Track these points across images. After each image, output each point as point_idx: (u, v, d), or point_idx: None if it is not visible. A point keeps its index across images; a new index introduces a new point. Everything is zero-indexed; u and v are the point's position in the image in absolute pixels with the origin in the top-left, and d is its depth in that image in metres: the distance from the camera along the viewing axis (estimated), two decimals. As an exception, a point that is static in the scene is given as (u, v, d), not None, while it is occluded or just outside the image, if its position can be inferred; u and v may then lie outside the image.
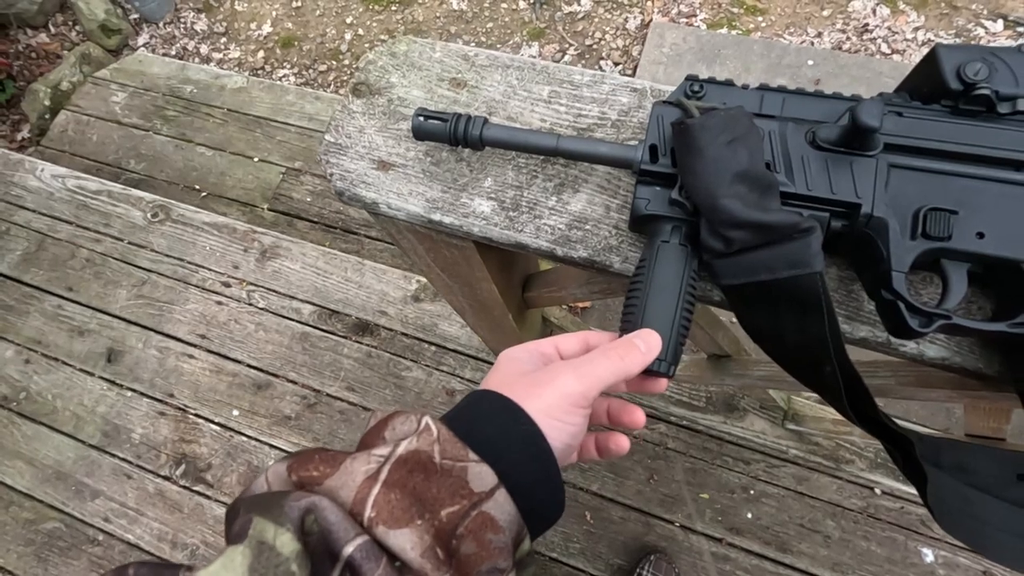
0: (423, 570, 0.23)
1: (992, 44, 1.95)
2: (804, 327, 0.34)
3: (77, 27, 2.44)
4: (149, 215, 1.65)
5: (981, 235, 0.32)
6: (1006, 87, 0.33)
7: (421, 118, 0.41)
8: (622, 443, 0.36)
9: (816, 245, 0.32)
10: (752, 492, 1.22)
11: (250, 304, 1.52)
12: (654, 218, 0.36)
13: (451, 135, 0.40)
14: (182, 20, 2.50)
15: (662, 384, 0.35)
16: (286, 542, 0.22)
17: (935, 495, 0.32)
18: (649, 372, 0.34)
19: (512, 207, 0.43)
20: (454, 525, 0.25)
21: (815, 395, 1.04)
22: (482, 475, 0.26)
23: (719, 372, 0.83)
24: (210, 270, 1.57)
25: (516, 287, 0.70)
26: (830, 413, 0.99)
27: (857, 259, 0.36)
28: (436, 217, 0.44)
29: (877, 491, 1.18)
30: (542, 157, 0.44)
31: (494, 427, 0.28)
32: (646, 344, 0.32)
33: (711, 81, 0.38)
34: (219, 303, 1.54)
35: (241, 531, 0.23)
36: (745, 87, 0.38)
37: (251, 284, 1.54)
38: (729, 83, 0.38)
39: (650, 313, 0.34)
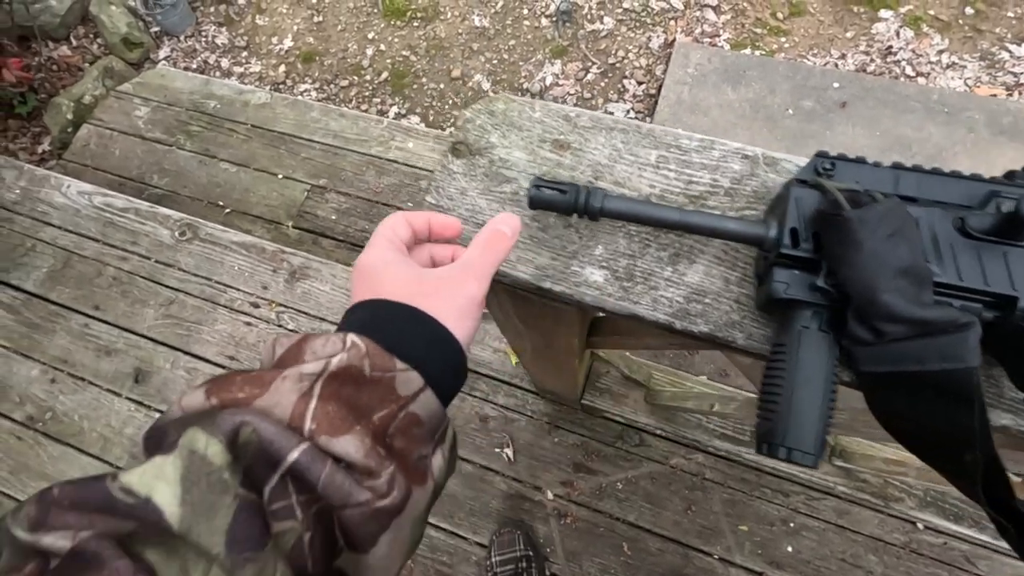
0: (369, 466, 0.26)
1: (1018, 71, 1.95)
2: (950, 419, 0.33)
3: (99, 40, 2.44)
4: (177, 233, 1.64)
5: None
6: None
7: (540, 188, 0.40)
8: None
9: (974, 340, 0.31)
10: (792, 525, 1.21)
11: (279, 325, 1.51)
12: (793, 303, 0.35)
13: (572, 206, 0.40)
14: (203, 34, 2.50)
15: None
16: (217, 452, 0.24)
17: None
18: (793, 462, 0.33)
19: (626, 277, 0.42)
20: (386, 426, 0.28)
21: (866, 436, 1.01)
22: (409, 381, 0.29)
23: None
24: (239, 290, 1.56)
25: (585, 334, 0.69)
26: (881, 451, 0.98)
27: (1008, 350, 0.35)
28: (546, 285, 0.43)
29: (920, 526, 1.17)
30: (654, 225, 0.43)
31: (415, 337, 0.31)
32: (511, 229, 0.37)
33: (842, 158, 0.38)
34: (248, 324, 1.53)
35: (172, 444, 0.24)
36: (877, 164, 0.37)
37: (280, 305, 1.53)
38: (861, 160, 0.37)
39: (796, 405, 0.33)
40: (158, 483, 0.22)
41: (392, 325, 0.31)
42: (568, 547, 1.24)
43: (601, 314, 0.43)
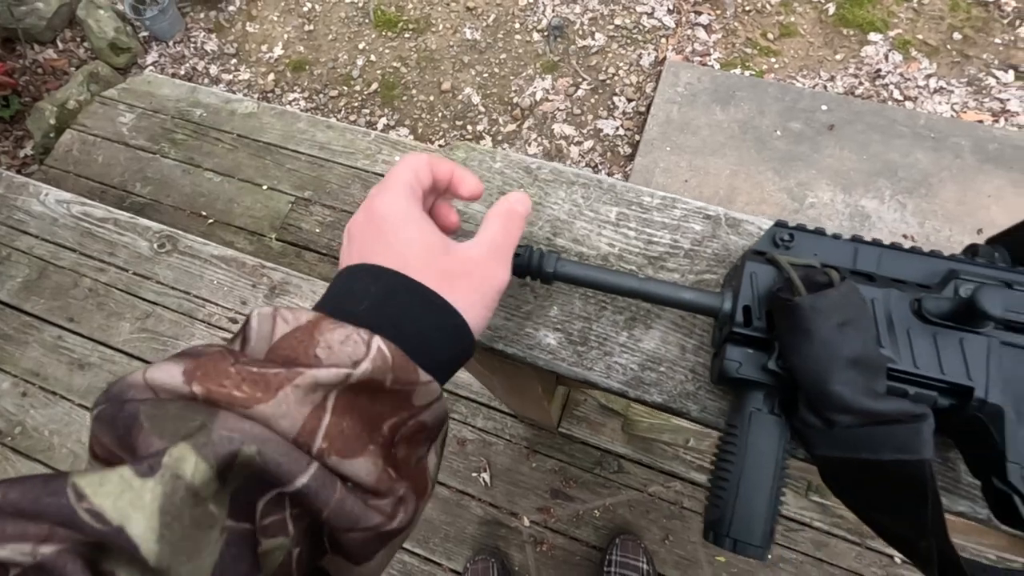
0: (379, 489, 0.24)
1: (1004, 98, 1.96)
2: (903, 507, 0.32)
3: (85, 44, 2.41)
4: (156, 245, 1.62)
5: (1103, 428, 0.30)
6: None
7: None
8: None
9: (927, 432, 0.30)
10: (770, 557, 1.20)
11: (257, 342, 1.49)
12: (745, 383, 0.34)
13: (524, 269, 0.38)
14: (192, 40, 2.48)
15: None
16: (205, 480, 0.20)
17: None
18: (744, 553, 0.32)
19: (580, 341, 0.41)
20: (393, 434, 0.26)
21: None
22: (428, 392, 0.26)
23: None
24: (217, 305, 1.54)
25: (551, 382, 0.68)
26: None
27: (963, 439, 0.34)
28: (499, 347, 0.41)
29: (897, 559, 1.16)
30: (611, 287, 0.42)
31: (440, 342, 0.29)
32: (524, 207, 0.35)
33: (800, 229, 0.37)
34: (225, 340, 1.50)
35: (153, 461, 0.20)
36: (837, 237, 0.36)
37: (259, 321, 1.51)
38: (820, 232, 0.36)
39: (744, 494, 0.32)
40: (134, 512, 0.19)
41: (417, 324, 0.28)
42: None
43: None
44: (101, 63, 2.29)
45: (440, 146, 2.17)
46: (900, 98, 2.05)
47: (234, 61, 2.44)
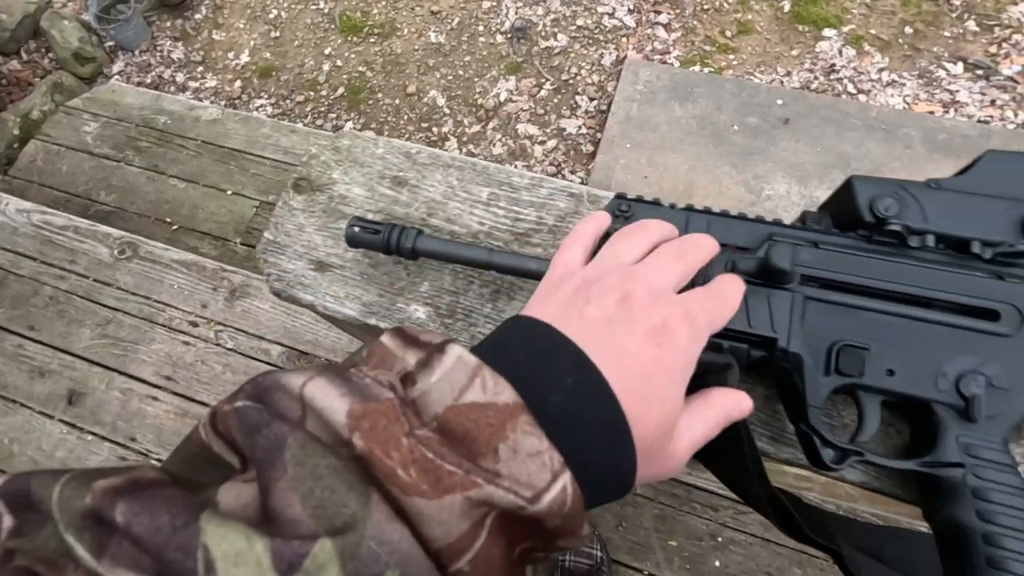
0: None
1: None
2: (729, 456, 0.34)
3: (50, 55, 2.42)
4: (116, 252, 1.62)
5: (891, 372, 0.33)
6: (916, 222, 0.34)
7: (355, 228, 0.41)
8: None
9: (733, 381, 0.32)
10: (720, 539, 1.22)
11: (218, 344, 1.50)
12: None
13: (385, 246, 0.40)
14: (159, 48, 2.49)
15: None
16: None
17: None
18: None
19: (448, 314, 0.43)
20: (523, 559, 0.23)
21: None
22: (575, 541, 0.23)
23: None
24: (177, 309, 1.54)
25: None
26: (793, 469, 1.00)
27: (777, 387, 0.36)
28: (372, 322, 0.43)
29: (842, 538, 1.19)
30: (479, 262, 0.44)
31: (603, 488, 0.24)
32: (741, 413, 0.31)
33: (639, 200, 0.39)
34: (186, 343, 1.51)
35: (295, 558, 0.17)
36: (672, 206, 0.39)
37: (219, 324, 1.52)
38: (656, 203, 0.39)
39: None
40: None
41: (601, 468, 0.23)
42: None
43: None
44: (65, 73, 2.29)
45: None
46: (854, 92, 2.10)
47: (200, 68, 2.45)
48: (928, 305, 0.33)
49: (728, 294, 0.30)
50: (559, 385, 0.23)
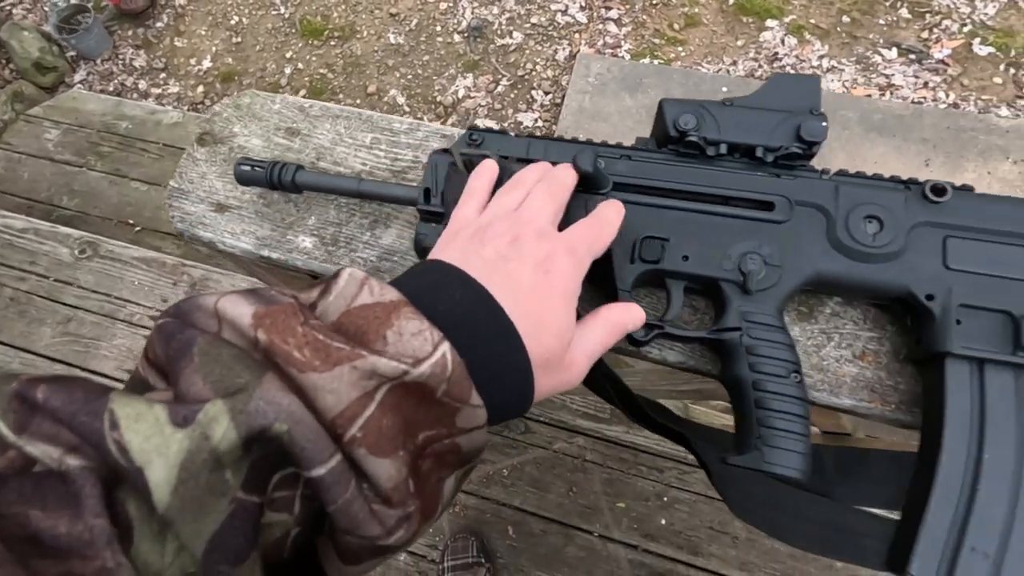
0: (392, 498, 0.23)
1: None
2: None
3: (11, 66, 2.43)
4: (77, 252, 1.65)
5: (686, 258, 0.39)
6: (711, 134, 0.40)
7: (244, 167, 0.46)
8: None
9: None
10: (665, 499, 1.28)
11: (179, 337, 1.53)
12: (428, 249, 0.42)
13: (269, 181, 0.45)
14: (120, 57, 2.51)
15: None
16: (231, 447, 0.20)
17: (723, 484, 0.36)
18: None
19: (331, 242, 0.48)
20: (424, 446, 0.25)
21: (710, 405, 1.09)
22: (474, 417, 0.25)
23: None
24: (139, 304, 1.57)
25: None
26: (722, 419, 1.06)
27: (599, 278, 0.42)
28: (265, 253, 0.48)
29: (780, 491, 1.25)
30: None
31: (502, 379, 0.27)
32: (634, 324, 0.36)
33: (489, 131, 0.44)
34: (147, 337, 1.54)
35: (189, 412, 0.20)
36: (518, 136, 0.44)
37: (180, 317, 1.55)
38: (503, 132, 0.44)
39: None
40: (157, 458, 0.19)
41: (491, 358, 0.27)
42: (455, 534, 1.28)
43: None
44: (25, 83, 2.31)
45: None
46: (796, 78, 2.19)
47: (163, 75, 2.48)
48: (718, 201, 0.39)
49: (607, 220, 0.36)
50: (448, 299, 0.27)
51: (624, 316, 0.36)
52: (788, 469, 0.34)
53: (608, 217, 0.36)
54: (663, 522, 1.26)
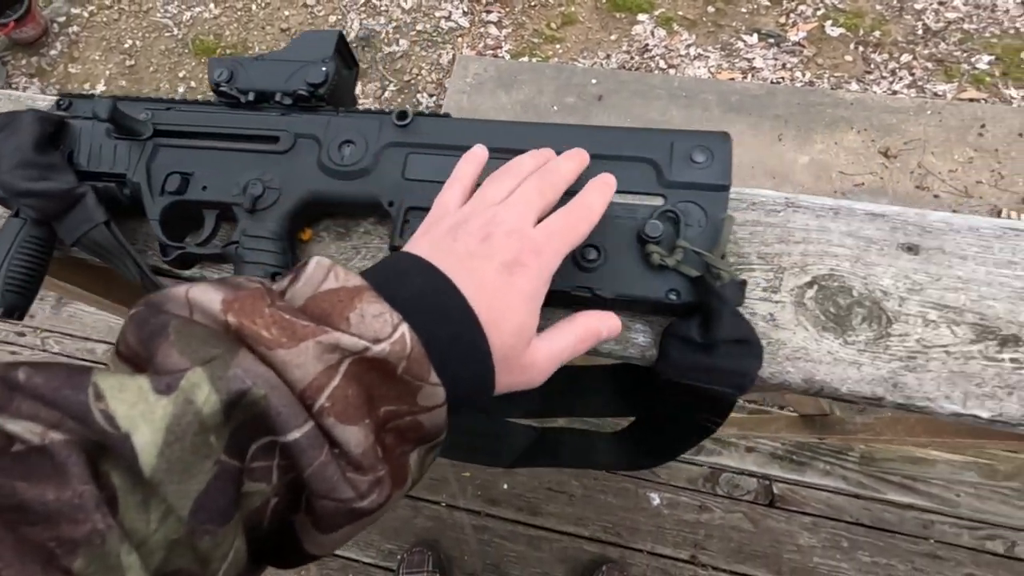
0: (362, 464, 0.24)
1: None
2: (122, 272, 0.46)
3: (-102, 100, 2.43)
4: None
5: (205, 188, 0.45)
6: (243, 85, 0.47)
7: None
8: None
9: (91, 202, 0.44)
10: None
11: (44, 350, 1.55)
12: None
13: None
14: (14, 86, 2.53)
15: None
16: (213, 411, 0.22)
17: None
18: None
19: None
20: (387, 420, 0.26)
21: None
22: (434, 395, 0.26)
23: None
24: (3, 321, 1.59)
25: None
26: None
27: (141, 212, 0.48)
28: None
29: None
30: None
31: (461, 366, 0.28)
32: (609, 332, 0.36)
33: (80, 96, 0.51)
34: (13, 352, 1.56)
35: (172, 380, 0.22)
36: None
37: (46, 331, 1.58)
38: (92, 95, 0.50)
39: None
40: (143, 424, 0.20)
41: (450, 343, 0.28)
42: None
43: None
44: (-90, 116, 2.31)
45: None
46: (665, 67, 2.31)
47: (56, 102, 2.50)
48: (237, 139, 0.46)
49: (589, 207, 0.34)
50: (410, 286, 0.29)
51: (598, 323, 0.36)
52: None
53: (590, 203, 0.35)
54: (505, 487, 1.32)
